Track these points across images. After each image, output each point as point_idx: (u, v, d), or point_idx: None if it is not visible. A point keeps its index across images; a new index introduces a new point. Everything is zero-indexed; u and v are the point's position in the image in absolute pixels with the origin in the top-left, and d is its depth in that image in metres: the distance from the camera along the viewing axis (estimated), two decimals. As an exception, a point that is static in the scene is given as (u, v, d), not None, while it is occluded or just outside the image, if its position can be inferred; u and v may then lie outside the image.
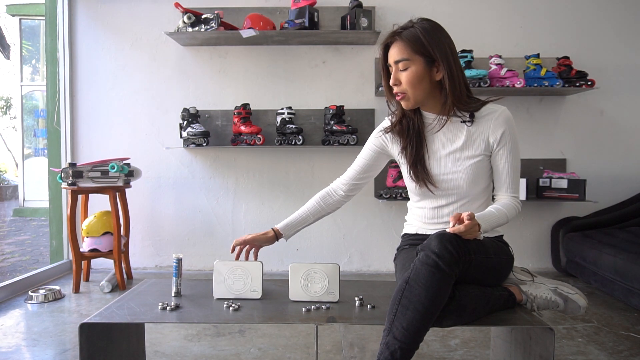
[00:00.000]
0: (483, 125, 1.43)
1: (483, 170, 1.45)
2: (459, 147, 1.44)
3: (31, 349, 1.90)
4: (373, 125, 3.09)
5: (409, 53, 1.38)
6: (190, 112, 2.96)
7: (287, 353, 1.85)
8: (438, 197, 1.47)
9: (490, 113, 1.43)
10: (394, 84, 1.42)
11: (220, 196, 3.18)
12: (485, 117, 1.43)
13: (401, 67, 1.40)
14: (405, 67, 1.39)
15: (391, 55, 1.42)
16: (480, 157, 1.43)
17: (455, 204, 1.46)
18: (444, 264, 1.19)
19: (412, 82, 1.39)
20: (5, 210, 7.84)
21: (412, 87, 1.40)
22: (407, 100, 1.42)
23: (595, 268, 2.59)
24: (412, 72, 1.39)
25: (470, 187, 1.44)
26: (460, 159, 1.44)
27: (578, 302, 1.40)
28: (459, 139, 1.44)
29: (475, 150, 1.43)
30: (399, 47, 1.40)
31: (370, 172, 1.63)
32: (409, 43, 1.38)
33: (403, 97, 1.42)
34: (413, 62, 1.39)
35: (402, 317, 1.18)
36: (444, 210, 1.48)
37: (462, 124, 1.44)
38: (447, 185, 1.45)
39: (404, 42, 1.39)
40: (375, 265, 3.19)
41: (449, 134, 1.46)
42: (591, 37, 3.12)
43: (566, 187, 2.93)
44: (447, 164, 1.45)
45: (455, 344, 1.93)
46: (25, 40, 7.88)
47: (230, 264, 1.50)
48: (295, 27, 2.87)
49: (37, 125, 8.01)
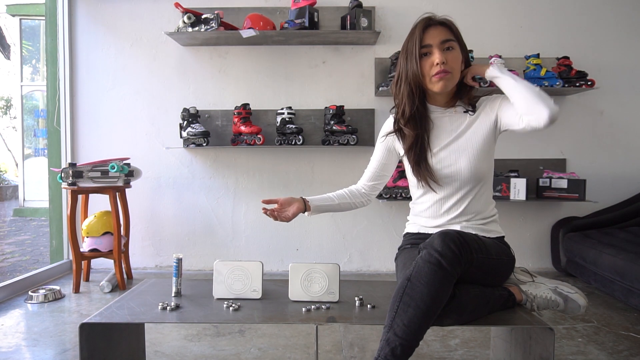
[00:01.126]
0: (480, 109, 1.49)
1: (483, 155, 1.46)
2: (459, 134, 1.47)
3: (31, 349, 1.90)
4: (373, 125, 3.10)
5: (452, 36, 1.44)
6: (190, 112, 2.96)
7: (287, 353, 1.85)
8: (440, 190, 1.48)
9: (485, 100, 1.51)
10: (442, 61, 1.40)
11: (220, 196, 3.18)
12: (481, 104, 1.50)
13: (447, 46, 1.42)
14: (452, 47, 1.43)
15: (434, 35, 1.42)
16: (482, 141, 1.46)
17: (458, 194, 1.47)
18: (446, 263, 1.19)
19: (457, 63, 1.43)
20: (5, 210, 7.84)
21: (457, 67, 1.43)
22: (449, 80, 1.42)
23: (595, 268, 2.60)
24: (456, 53, 1.44)
25: (472, 174, 1.45)
26: (461, 146, 1.47)
27: (578, 301, 1.41)
28: (460, 127, 1.48)
29: (477, 135, 1.46)
30: (444, 30, 1.43)
31: (384, 171, 1.63)
32: (452, 27, 1.45)
33: (446, 75, 1.41)
34: (457, 45, 1.44)
35: (403, 314, 1.19)
36: (446, 203, 1.49)
37: (464, 114, 1.49)
38: (449, 173, 1.46)
39: (446, 26, 1.44)
40: (375, 265, 3.19)
41: (452, 125, 1.49)
42: (591, 37, 3.12)
43: (566, 187, 2.93)
44: (448, 153, 1.47)
45: (455, 344, 1.93)
46: (25, 40, 7.88)
47: (231, 264, 1.50)
48: (295, 27, 2.88)
49: (37, 125, 8.01)
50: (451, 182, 1.47)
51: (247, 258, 3.13)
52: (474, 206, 1.48)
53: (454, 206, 1.48)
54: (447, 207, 1.49)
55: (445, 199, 1.49)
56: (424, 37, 1.42)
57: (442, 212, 1.50)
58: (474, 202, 1.48)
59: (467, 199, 1.47)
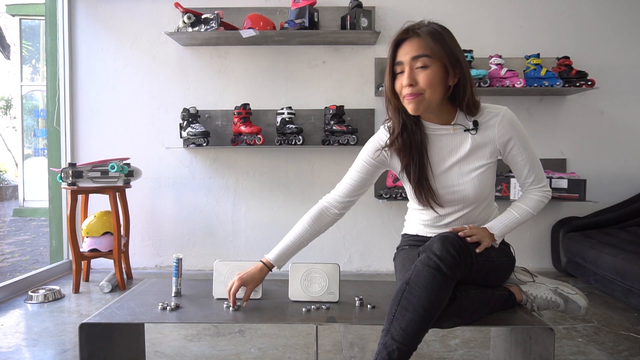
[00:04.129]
0: (488, 132, 1.35)
1: (489, 177, 1.39)
2: (463, 157, 1.37)
3: (31, 349, 1.90)
4: (373, 125, 3.09)
5: (430, 50, 1.26)
6: (190, 112, 2.96)
7: (287, 353, 1.85)
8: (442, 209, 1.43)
9: (492, 117, 1.35)
10: (410, 83, 1.27)
11: (220, 196, 3.18)
12: (488, 122, 1.35)
13: (419, 64, 1.26)
14: (425, 65, 1.26)
15: (406, 51, 1.28)
16: (487, 166, 1.37)
17: (459, 212, 1.43)
18: (446, 267, 1.18)
19: (431, 82, 1.26)
20: (5, 210, 7.84)
21: (430, 87, 1.27)
22: (419, 103, 1.29)
23: (595, 268, 2.59)
24: (432, 71, 1.26)
25: (476, 197, 1.39)
26: (465, 170, 1.37)
27: (578, 302, 1.40)
28: (463, 149, 1.36)
29: (482, 160, 1.36)
30: (419, 43, 1.27)
31: (366, 186, 1.49)
32: (430, 40, 1.26)
33: (416, 98, 1.28)
34: (433, 61, 1.26)
35: (401, 318, 1.18)
36: (446, 218, 1.45)
37: (465, 133, 1.36)
38: (453, 198, 1.39)
39: (424, 38, 1.26)
40: (375, 265, 3.19)
41: (452, 144, 1.37)
42: (591, 37, 3.12)
43: (566, 187, 2.93)
44: (452, 177, 1.38)
45: (455, 344, 1.93)
46: (25, 40, 7.87)
47: (231, 264, 1.50)
48: (295, 27, 2.87)
49: (37, 125, 8.00)
50: (455, 204, 1.41)
51: (247, 258, 3.13)
52: (476, 218, 1.45)
53: (455, 220, 1.44)
54: (449, 221, 1.45)
55: (446, 216, 1.45)
56: (397, 54, 1.30)
57: (443, 224, 1.46)
58: (477, 216, 1.44)
59: (470, 214, 1.43)
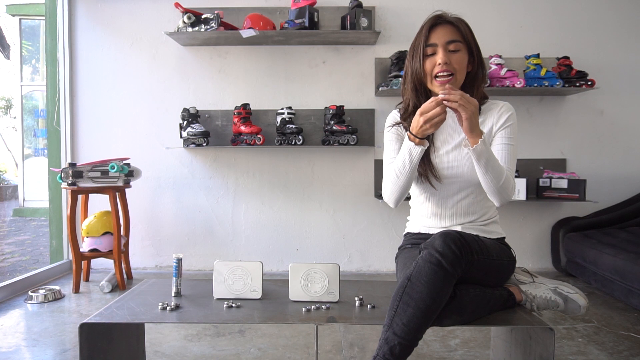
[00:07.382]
0: (488, 118, 1.46)
1: None
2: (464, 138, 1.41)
3: (31, 349, 1.90)
4: (373, 125, 3.10)
5: (462, 36, 1.41)
6: (190, 112, 2.96)
7: (287, 353, 1.85)
8: (440, 188, 1.47)
9: (494, 106, 1.47)
10: (445, 61, 1.38)
11: (220, 196, 3.18)
12: (490, 110, 1.47)
13: (452, 47, 1.39)
14: (457, 49, 1.40)
15: (441, 35, 1.40)
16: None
17: (458, 194, 1.47)
18: (447, 263, 1.19)
19: (461, 65, 1.40)
20: (5, 210, 7.84)
21: (460, 69, 1.40)
22: (451, 83, 1.39)
23: (595, 268, 2.59)
24: (462, 55, 1.40)
25: (473, 175, 1.42)
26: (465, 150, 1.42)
27: (578, 301, 1.40)
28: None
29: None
30: (452, 29, 1.40)
31: None
32: (462, 27, 1.41)
33: (449, 79, 1.39)
34: (463, 46, 1.41)
35: (402, 313, 1.19)
36: (447, 203, 1.48)
37: None
38: (450, 174, 1.45)
39: (455, 25, 1.41)
40: (375, 265, 3.19)
41: (456, 127, 1.46)
42: (591, 37, 3.12)
43: (566, 187, 2.93)
44: (453, 156, 1.46)
45: (455, 344, 1.93)
46: (25, 40, 7.87)
47: (231, 264, 1.50)
48: (295, 27, 2.87)
49: (37, 125, 8.00)
50: (453, 183, 1.46)
51: (247, 258, 3.13)
52: (474, 208, 1.48)
53: (454, 207, 1.48)
54: (448, 207, 1.48)
55: (445, 199, 1.48)
56: (430, 36, 1.41)
57: (442, 212, 1.49)
58: (475, 204, 1.48)
59: (468, 200, 1.47)
